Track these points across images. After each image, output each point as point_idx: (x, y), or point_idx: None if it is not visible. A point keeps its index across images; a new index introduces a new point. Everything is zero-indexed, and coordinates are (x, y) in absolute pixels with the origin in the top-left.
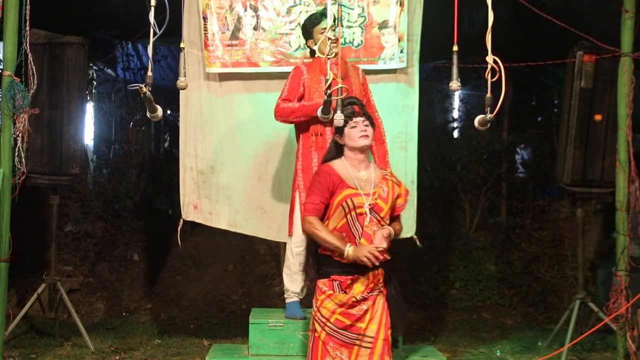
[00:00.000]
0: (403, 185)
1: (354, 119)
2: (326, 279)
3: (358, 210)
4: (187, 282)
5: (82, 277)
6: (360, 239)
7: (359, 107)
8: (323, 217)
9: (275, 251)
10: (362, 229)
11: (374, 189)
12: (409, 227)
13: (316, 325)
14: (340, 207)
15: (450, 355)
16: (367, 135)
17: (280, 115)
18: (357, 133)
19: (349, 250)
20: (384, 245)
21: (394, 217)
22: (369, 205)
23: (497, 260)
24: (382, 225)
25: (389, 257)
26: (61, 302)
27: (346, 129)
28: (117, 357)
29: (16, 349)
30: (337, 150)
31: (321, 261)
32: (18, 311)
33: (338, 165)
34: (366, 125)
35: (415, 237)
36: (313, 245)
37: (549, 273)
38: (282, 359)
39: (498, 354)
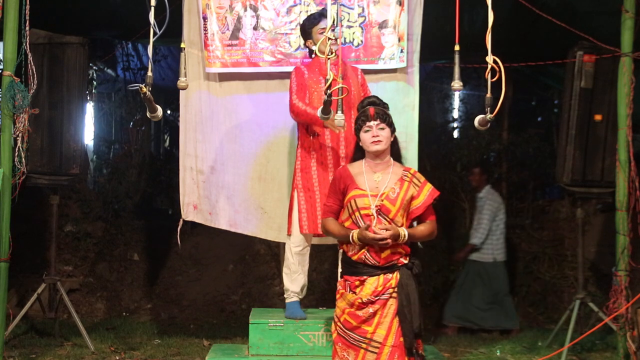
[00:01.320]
0: (427, 187)
1: (368, 123)
2: (341, 279)
3: (363, 212)
4: (187, 282)
5: (82, 277)
6: None
7: (374, 109)
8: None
9: (275, 251)
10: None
11: (384, 191)
12: None
13: (332, 324)
14: (346, 208)
15: (450, 355)
16: (379, 141)
17: (292, 111)
18: (369, 138)
19: (353, 233)
20: (384, 235)
21: (419, 218)
22: (376, 206)
23: None
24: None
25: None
26: (61, 302)
27: (361, 133)
28: (117, 357)
29: (16, 349)
30: (361, 151)
31: (341, 260)
32: (18, 311)
33: (355, 166)
34: (381, 129)
35: None
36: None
37: (549, 273)
38: (282, 359)
39: (498, 354)
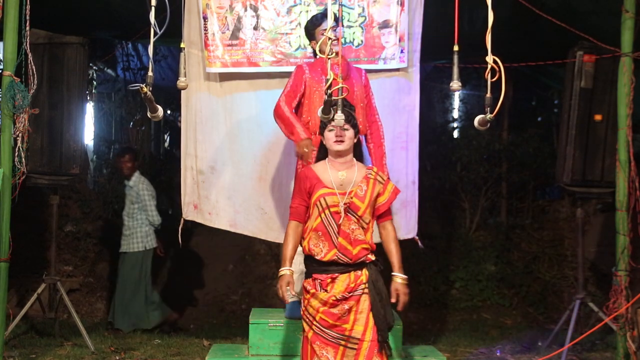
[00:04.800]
0: (390, 185)
1: (333, 123)
2: (310, 279)
3: (332, 209)
4: (187, 282)
5: (82, 277)
6: (337, 237)
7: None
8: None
9: (275, 251)
10: (339, 228)
11: (352, 188)
12: (410, 228)
13: (304, 324)
14: (315, 206)
15: (450, 355)
16: (342, 141)
17: (275, 114)
18: (332, 137)
19: (282, 271)
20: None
21: (381, 216)
22: (344, 204)
23: (497, 260)
24: (362, 225)
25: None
26: (61, 302)
27: (325, 132)
28: (117, 357)
29: (16, 349)
30: (324, 151)
31: (305, 261)
32: (18, 311)
33: (319, 166)
34: (345, 130)
35: (417, 238)
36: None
37: (549, 273)
38: (282, 359)
39: (498, 354)
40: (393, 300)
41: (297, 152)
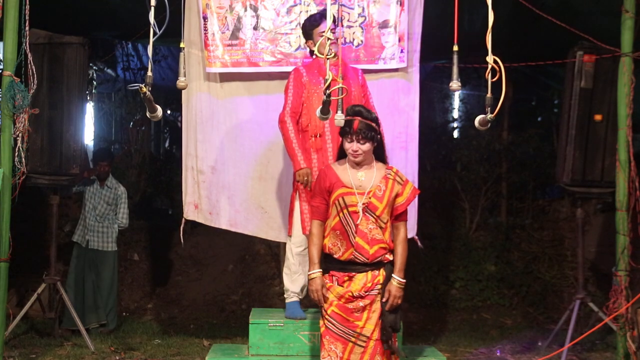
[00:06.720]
0: (409, 185)
1: (351, 136)
2: (327, 274)
3: (350, 209)
4: (187, 282)
5: None
6: (355, 237)
7: (359, 123)
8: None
9: (275, 251)
10: (356, 227)
11: (370, 188)
12: (410, 228)
13: (320, 319)
14: (334, 205)
15: (450, 355)
16: (359, 154)
17: (280, 127)
18: (349, 148)
19: (313, 274)
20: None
21: (397, 217)
22: (363, 204)
23: (497, 260)
24: (380, 225)
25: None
26: (61, 302)
27: (344, 140)
28: (117, 357)
29: (16, 349)
30: (344, 150)
31: (324, 259)
32: (18, 311)
33: (339, 165)
34: (362, 144)
35: (416, 238)
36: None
37: (549, 273)
38: (282, 359)
39: (498, 354)
40: (384, 299)
41: (296, 179)
